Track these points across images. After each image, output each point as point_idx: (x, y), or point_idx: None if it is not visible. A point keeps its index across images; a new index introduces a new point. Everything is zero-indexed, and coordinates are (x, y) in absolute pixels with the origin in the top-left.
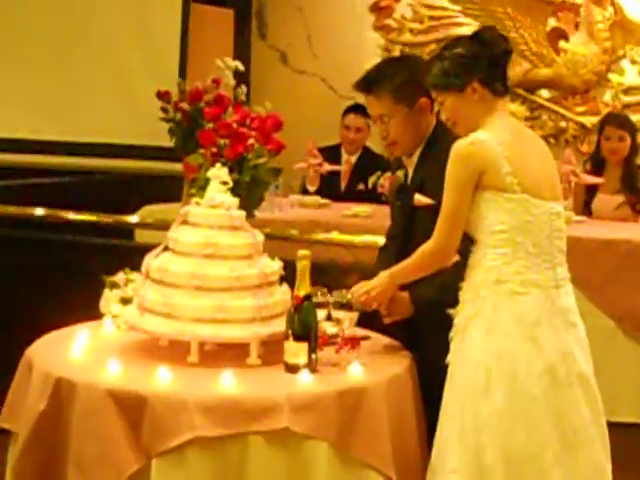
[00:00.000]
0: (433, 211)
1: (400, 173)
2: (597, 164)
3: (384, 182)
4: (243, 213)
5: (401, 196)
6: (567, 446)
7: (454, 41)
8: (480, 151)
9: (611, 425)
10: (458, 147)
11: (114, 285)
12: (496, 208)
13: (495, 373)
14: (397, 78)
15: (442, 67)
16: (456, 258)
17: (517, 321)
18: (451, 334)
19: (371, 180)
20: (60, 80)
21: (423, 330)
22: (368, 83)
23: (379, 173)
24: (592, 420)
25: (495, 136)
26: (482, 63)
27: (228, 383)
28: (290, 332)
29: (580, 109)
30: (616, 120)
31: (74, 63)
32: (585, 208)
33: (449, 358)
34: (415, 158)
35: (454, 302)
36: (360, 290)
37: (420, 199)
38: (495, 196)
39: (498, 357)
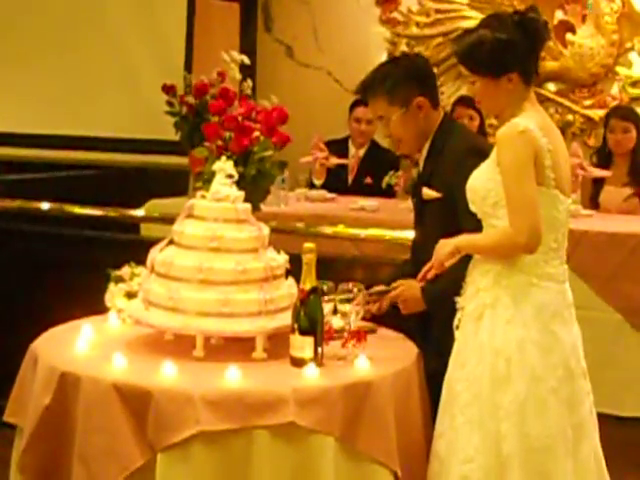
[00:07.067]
0: (441, 204)
1: (414, 170)
2: (604, 157)
3: (398, 180)
4: (249, 206)
5: (415, 192)
6: (575, 437)
7: (495, 20)
8: (531, 140)
9: (618, 419)
10: (508, 134)
11: (119, 279)
12: None
13: (515, 363)
14: (388, 81)
15: (480, 50)
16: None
17: (537, 312)
18: (456, 322)
19: (385, 180)
20: (66, 74)
21: (435, 321)
22: (363, 88)
23: (391, 172)
24: (589, 411)
25: (539, 127)
26: (523, 54)
27: (233, 377)
28: (296, 326)
29: (587, 102)
30: (620, 112)
31: (80, 57)
32: (592, 201)
33: (457, 346)
34: (424, 152)
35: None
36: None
37: (428, 192)
38: None
39: (519, 347)
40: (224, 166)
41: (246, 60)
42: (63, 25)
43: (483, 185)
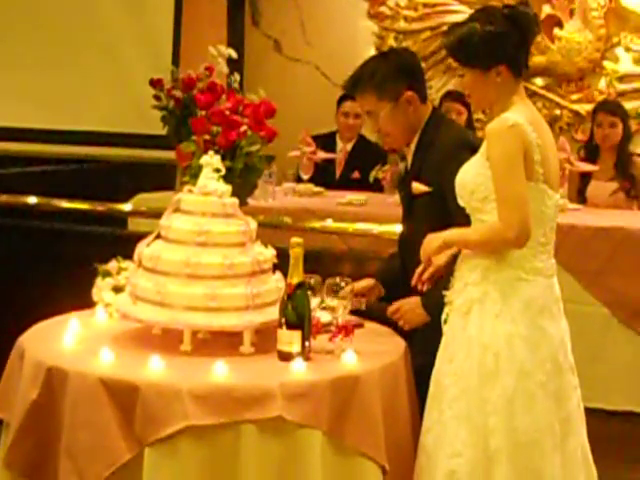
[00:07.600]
0: (430, 198)
1: (402, 165)
2: (591, 151)
3: (385, 174)
4: (236, 200)
5: (402, 187)
6: (563, 432)
7: (485, 13)
8: (521, 134)
9: (606, 413)
10: (498, 128)
11: (106, 273)
12: None
13: (504, 357)
14: (377, 75)
15: (469, 42)
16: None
17: (525, 307)
18: (444, 316)
19: (372, 175)
20: (53, 68)
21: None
22: (352, 83)
23: (379, 167)
24: (577, 405)
25: (528, 122)
26: (512, 47)
27: (221, 371)
28: (283, 320)
29: (574, 97)
30: (607, 107)
31: (68, 51)
32: (579, 195)
33: (444, 340)
34: (412, 147)
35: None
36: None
37: (418, 187)
38: None
39: (507, 342)
40: (211, 160)
41: (233, 54)
42: (51, 20)
43: (472, 180)
